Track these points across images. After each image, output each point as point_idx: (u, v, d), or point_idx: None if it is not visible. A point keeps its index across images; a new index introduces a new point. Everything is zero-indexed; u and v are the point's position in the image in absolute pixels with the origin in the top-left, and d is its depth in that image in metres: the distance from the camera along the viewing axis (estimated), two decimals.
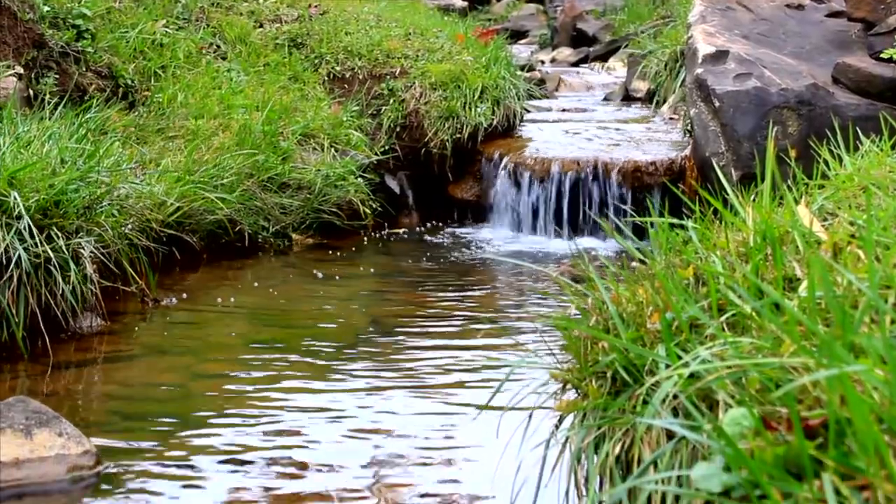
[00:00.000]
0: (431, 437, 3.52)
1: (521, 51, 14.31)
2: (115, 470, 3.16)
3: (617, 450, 2.26)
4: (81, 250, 4.68)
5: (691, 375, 2.04)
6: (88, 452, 3.14)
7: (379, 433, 3.55)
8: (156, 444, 3.42)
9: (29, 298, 4.41)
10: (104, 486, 3.04)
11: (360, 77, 8.38)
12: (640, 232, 3.02)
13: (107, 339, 4.77)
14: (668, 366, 2.13)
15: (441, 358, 4.52)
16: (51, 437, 3.11)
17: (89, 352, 4.59)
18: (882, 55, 6.37)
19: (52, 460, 3.07)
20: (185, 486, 3.05)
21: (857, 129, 3.88)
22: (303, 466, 3.24)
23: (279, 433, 3.54)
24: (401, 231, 7.81)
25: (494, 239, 7.51)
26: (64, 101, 6.11)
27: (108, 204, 5.14)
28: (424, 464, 3.25)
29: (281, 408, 3.81)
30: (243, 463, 3.25)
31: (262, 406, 3.84)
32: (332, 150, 7.47)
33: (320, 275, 6.21)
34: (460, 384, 4.16)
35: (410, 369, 4.36)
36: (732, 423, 1.74)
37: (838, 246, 2.48)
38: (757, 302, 2.12)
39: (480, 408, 2.82)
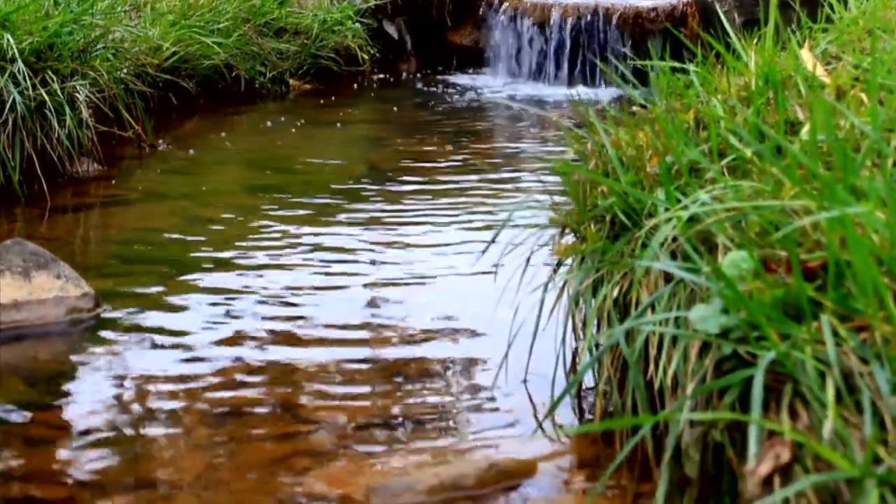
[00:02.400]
0: (428, 281, 3.52)
1: None
2: (113, 312, 3.17)
3: (615, 293, 2.26)
4: (77, 94, 4.64)
5: (690, 219, 2.02)
6: (87, 295, 3.15)
7: (376, 275, 3.55)
8: (154, 287, 3.43)
9: (25, 142, 4.38)
10: (103, 329, 3.06)
11: None
12: (642, 79, 2.98)
13: (104, 183, 4.76)
14: (667, 209, 2.12)
15: (439, 202, 4.51)
16: (49, 279, 3.11)
17: (86, 196, 4.58)
18: None
19: (51, 303, 3.08)
20: (183, 329, 3.06)
21: None
22: (300, 307, 3.25)
23: (277, 276, 3.54)
24: (399, 77, 7.74)
25: (493, 85, 7.45)
26: None
27: (103, 47, 5.08)
28: (421, 308, 3.26)
29: (279, 251, 3.81)
30: (242, 304, 3.26)
31: (260, 249, 3.83)
32: None
33: (318, 120, 6.17)
34: (459, 228, 4.15)
35: (408, 214, 4.35)
36: (731, 266, 1.74)
37: (841, 89, 2.45)
38: (758, 145, 2.10)
39: (486, 245, 2.81)
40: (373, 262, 3.72)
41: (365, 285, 3.48)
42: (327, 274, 3.59)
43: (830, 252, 1.58)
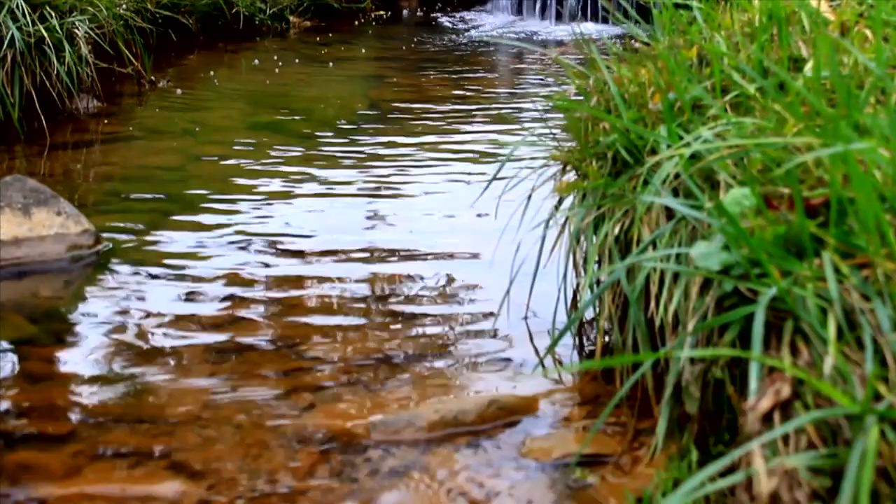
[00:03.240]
0: (428, 219, 3.52)
1: None
2: (114, 249, 3.16)
3: (616, 230, 2.25)
4: (76, 30, 4.61)
5: (693, 156, 2.01)
6: (87, 232, 3.14)
7: (377, 215, 3.54)
8: (154, 223, 3.43)
9: (24, 79, 4.37)
10: (103, 265, 3.06)
11: None
12: (645, 16, 2.95)
13: (104, 120, 4.74)
14: (669, 146, 2.11)
15: (440, 139, 4.50)
16: (49, 216, 3.10)
17: (86, 133, 4.57)
18: None
19: (52, 239, 3.08)
20: (184, 265, 3.06)
21: None
22: (300, 243, 3.25)
23: (278, 211, 3.54)
24: (400, 14, 7.69)
25: (495, 22, 7.42)
26: None
27: None
28: (421, 245, 3.26)
29: (280, 189, 3.81)
30: (243, 241, 3.26)
31: (261, 187, 3.83)
32: None
33: (318, 57, 6.13)
34: (459, 165, 4.14)
35: (408, 150, 4.34)
36: (733, 203, 1.73)
37: (846, 25, 2.43)
38: (761, 81, 2.09)
39: (487, 182, 2.80)
40: (372, 198, 3.72)
41: (365, 220, 3.47)
42: (328, 209, 3.59)
43: (833, 189, 1.57)
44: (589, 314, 2.59)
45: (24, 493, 1.89)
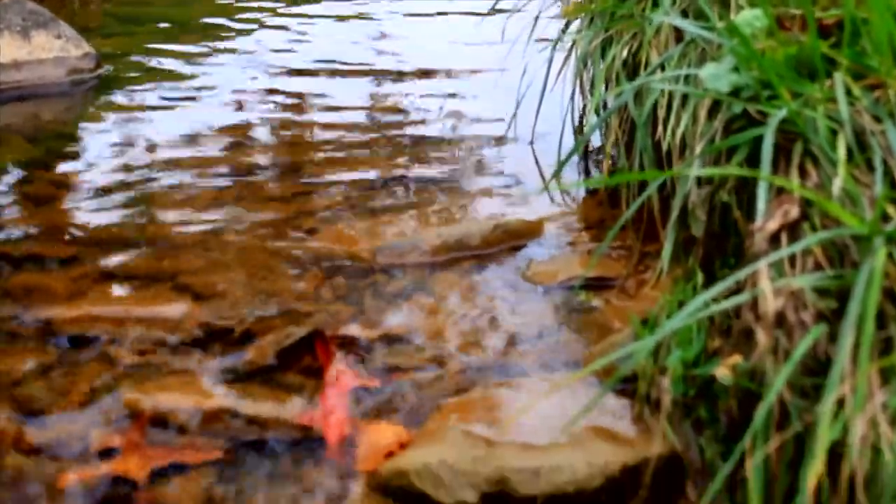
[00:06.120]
0: (435, 43, 3.47)
1: None
2: (115, 73, 3.13)
3: (624, 53, 2.22)
4: None
5: None
6: (88, 55, 3.10)
7: (383, 39, 3.50)
8: (156, 47, 3.38)
9: None
10: (105, 89, 3.03)
11: None
12: None
13: None
14: None
15: None
16: (49, 39, 3.06)
17: None
18: None
19: (52, 63, 3.04)
20: (186, 87, 3.04)
21: None
22: (305, 68, 3.21)
23: (282, 36, 3.49)
24: None
25: None
26: None
27: None
28: (427, 70, 3.22)
29: (284, 11, 3.75)
30: (246, 65, 3.22)
31: (265, 15, 3.77)
32: None
33: None
34: None
35: None
36: (745, 23, 1.69)
37: None
38: None
39: (493, 3, 2.76)
40: (379, 21, 3.67)
41: (370, 43, 3.44)
42: (333, 32, 3.54)
43: (847, 9, 1.54)
44: (595, 141, 2.57)
45: (29, 314, 1.89)
